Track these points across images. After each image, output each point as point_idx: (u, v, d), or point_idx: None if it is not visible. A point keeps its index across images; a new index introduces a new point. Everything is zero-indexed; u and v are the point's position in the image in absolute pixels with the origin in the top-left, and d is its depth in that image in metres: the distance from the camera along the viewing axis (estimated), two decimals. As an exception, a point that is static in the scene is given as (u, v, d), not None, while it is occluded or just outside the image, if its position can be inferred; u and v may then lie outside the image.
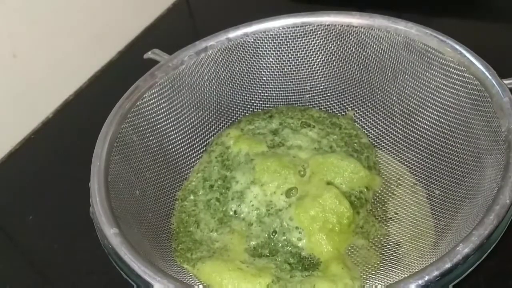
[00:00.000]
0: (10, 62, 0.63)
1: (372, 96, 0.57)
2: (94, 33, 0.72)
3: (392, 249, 0.47)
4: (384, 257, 0.46)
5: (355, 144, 0.55)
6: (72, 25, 0.69)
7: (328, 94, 0.59)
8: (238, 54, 0.57)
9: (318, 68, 0.58)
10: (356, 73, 0.57)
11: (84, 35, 0.71)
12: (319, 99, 0.59)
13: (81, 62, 0.72)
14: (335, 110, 0.59)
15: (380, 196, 0.52)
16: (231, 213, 0.51)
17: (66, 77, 0.71)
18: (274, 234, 0.49)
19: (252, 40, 0.57)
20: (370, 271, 0.45)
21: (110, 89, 0.53)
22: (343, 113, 0.58)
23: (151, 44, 0.59)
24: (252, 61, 0.58)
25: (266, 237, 0.49)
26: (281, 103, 0.60)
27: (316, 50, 0.57)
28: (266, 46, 0.57)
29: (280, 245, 0.49)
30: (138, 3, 0.78)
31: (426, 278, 0.35)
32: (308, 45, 0.57)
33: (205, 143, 0.57)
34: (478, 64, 0.47)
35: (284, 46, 0.57)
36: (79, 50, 0.71)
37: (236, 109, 0.59)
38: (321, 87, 0.59)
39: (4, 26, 0.62)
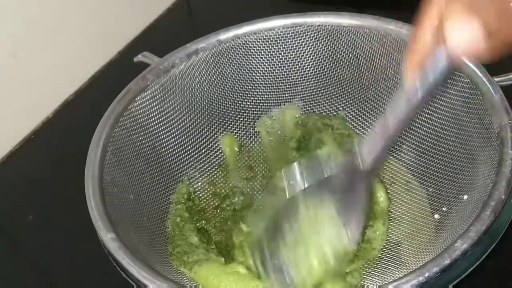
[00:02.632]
0: (10, 62, 0.63)
1: (363, 96, 0.57)
2: (94, 33, 0.72)
3: (388, 247, 0.47)
4: (380, 255, 0.47)
5: (348, 144, 0.55)
6: (72, 25, 0.69)
7: (319, 95, 0.59)
8: (229, 56, 0.57)
9: (309, 68, 0.58)
10: (347, 73, 0.57)
11: (84, 35, 0.71)
12: (311, 99, 0.59)
13: (81, 62, 0.72)
14: (326, 110, 0.59)
15: (374, 195, 0.52)
16: None
17: (66, 77, 0.70)
18: None
19: (243, 42, 0.57)
20: (367, 269, 0.46)
21: (110, 89, 0.53)
22: (334, 114, 0.59)
23: (151, 44, 0.59)
24: (243, 63, 0.58)
25: None
26: (273, 104, 0.60)
27: (307, 50, 0.57)
28: (257, 48, 0.57)
29: None
30: (138, 3, 0.78)
31: (427, 274, 0.36)
32: (299, 46, 0.57)
33: (197, 145, 0.57)
34: (468, 62, 0.48)
35: (275, 47, 0.57)
36: (79, 50, 0.71)
37: (228, 111, 0.59)
38: (312, 88, 0.59)
39: (4, 26, 0.61)
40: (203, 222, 0.53)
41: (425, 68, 0.29)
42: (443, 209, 0.47)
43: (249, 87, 0.59)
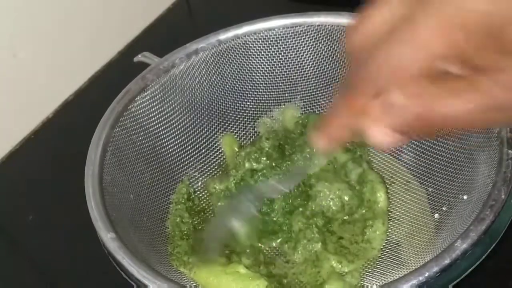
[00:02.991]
0: (10, 62, 0.63)
1: (363, 96, 0.57)
2: (94, 33, 0.72)
3: (388, 247, 0.47)
4: (380, 255, 0.47)
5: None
6: (72, 25, 0.69)
7: (320, 95, 0.59)
8: (229, 56, 0.57)
9: (309, 68, 0.58)
10: (346, 73, 0.57)
11: (84, 35, 0.71)
12: (310, 99, 0.59)
13: (81, 62, 0.72)
14: (326, 110, 0.59)
15: (374, 195, 0.52)
16: None
17: (66, 77, 0.71)
18: None
19: (243, 42, 0.57)
20: (367, 269, 0.46)
21: (110, 89, 0.53)
22: (334, 113, 0.58)
23: (151, 44, 0.59)
24: (243, 63, 0.58)
25: None
26: (273, 104, 0.60)
27: (307, 50, 0.57)
28: (257, 48, 0.57)
29: None
30: (138, 3, 0.78)
31: (427, 274, 0.36)
32: (299, 46, 0.57)
33: (197, 145, 0.57)
34: (468, 62, 0.48)
35: (275, 47, 0.57)
36: (79, 50, 0.71)
37: (228, 111, 0.59)
38: (312, 88, 0.59)
39: (4, 26, 0.61)
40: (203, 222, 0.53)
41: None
42: (443, 208, 0.47)
43: (249, 87, 0.59)
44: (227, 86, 0.58)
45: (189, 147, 0.56)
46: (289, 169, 0.51)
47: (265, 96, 0.59)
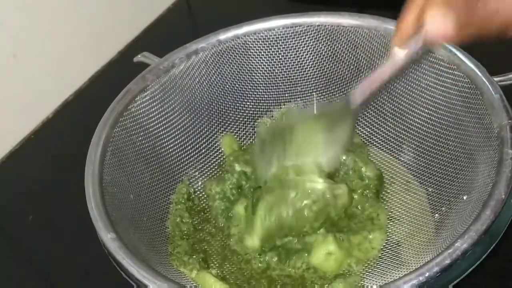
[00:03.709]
0: (10, 62, 0.63)
1: (363, 96, 0.57)
2: (94, 33, 0.72)
3: (388, 247, 0.47)
4: (380, 255, 0.47)
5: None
6: (72, 25, 0.69)
7: (319, 95, 0.59)
8: (229, 56, 0.57)
9: (309, 68, 0.58)
10: (346, 73, 0.57)
11: (84, 35, 0.71)
12: (310, 99, 0.59)
13: (81, 62, 0.72)
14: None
15: (374, 195, 0.52)
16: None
17: (66, 77, 0.71)
18: None
19: (243, 42, 0.57)
20: (367, 269, 0.46)
21: (110, 89, 0.53)
22: (334, 113, 0.58)
23: (151, 44, 0.59)
24: (243, 63, 0.58)
25: None
26: (272, 104, 0.60)
27: (307, 50, 0.57)
28: (257, 48, 0.57)
29: None
30: (138, 3, 0.79)
31: (427, 274, 0.36)
32: (299, 46, 0.57)
33: (197, 145, 0.57)
34: (468, 62, 0.48)
35: (275, 47, 0.57)
36: (79, 50, 0.71)
37: (228, 111, 0.59)
38: (312, 88, 0.59)
39: (4, 26, 0.61)
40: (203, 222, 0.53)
41: (407, 44, 0.38)
42: (443, 209, 0.47)
43: (249, 87, 0.59)
44: (227, 86, 0.58)
45: (189, 147, 0.56)
46: None
47: (265, 96, 0.59)
